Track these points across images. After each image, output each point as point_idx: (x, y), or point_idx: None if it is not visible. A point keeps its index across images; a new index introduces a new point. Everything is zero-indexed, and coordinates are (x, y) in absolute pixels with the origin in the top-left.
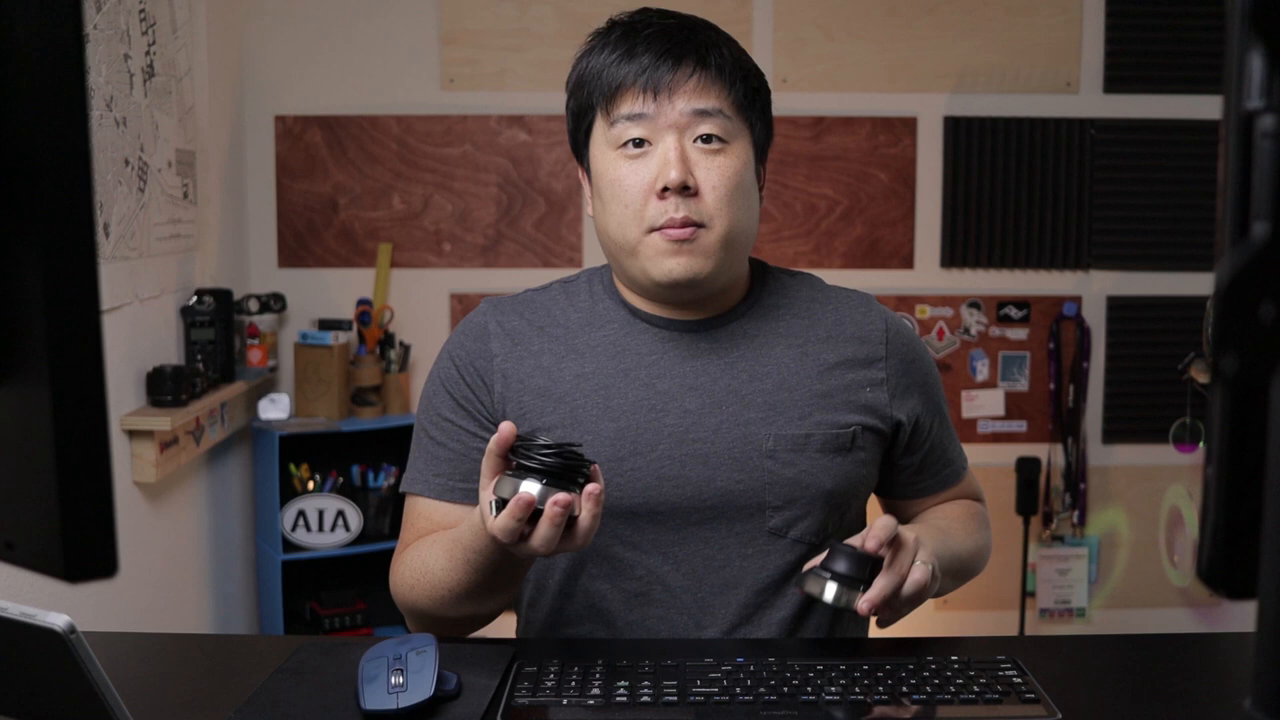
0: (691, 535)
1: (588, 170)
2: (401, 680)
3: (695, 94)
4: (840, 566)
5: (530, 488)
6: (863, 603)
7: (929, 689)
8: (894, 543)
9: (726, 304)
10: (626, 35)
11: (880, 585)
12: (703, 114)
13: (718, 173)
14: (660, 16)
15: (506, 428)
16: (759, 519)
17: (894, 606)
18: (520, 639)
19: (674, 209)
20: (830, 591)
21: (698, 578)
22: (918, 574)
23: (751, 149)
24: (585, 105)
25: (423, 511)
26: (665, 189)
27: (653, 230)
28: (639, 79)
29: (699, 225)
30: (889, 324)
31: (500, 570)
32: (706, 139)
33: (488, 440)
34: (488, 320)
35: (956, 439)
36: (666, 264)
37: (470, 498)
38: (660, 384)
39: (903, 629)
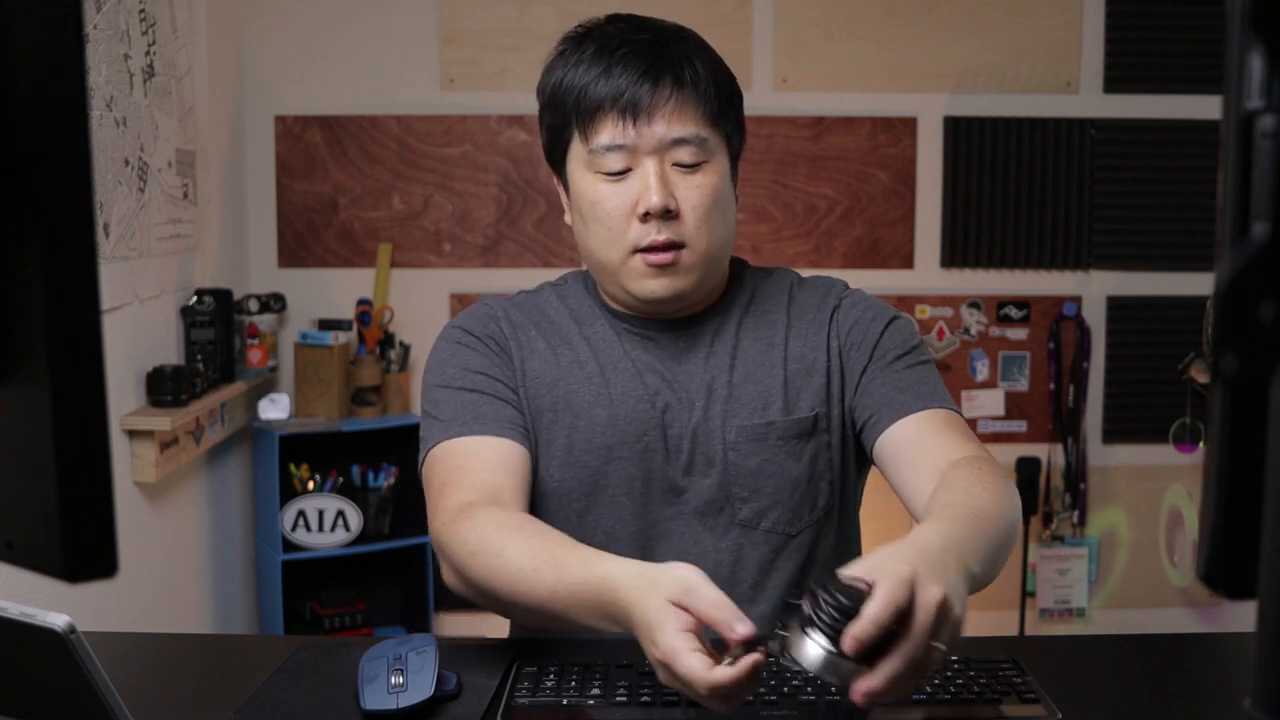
0: (669, 529)
1: (565, 183)
2: (402, 680)
3: (674, 117)
4: (823, 620)
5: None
6: (858, 694)
7: (929, 689)
8: (904, 613)
9: (704, 305)
10: (600, 53)
11: (884, 671)
12: (681, 142)
13: (697, 193)
14: (633, 29)
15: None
16: (729, 512)
17: (897, 691)
18: (521, 639)
19: (656, 231)
20: (815, 661)
21: None
22: (933, 658)
23: (728, 159)
24: (561, 123)
25: (469, 450)
26: (647, 213)
27: (635, 251)
28: (617, 103)
29: (680, 246)
30: (842, 299)
31: (583, 625)
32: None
33: (518, 396)
34: (494, 312)
35: (941, 385)
36: (649, 285)
37: (521, 438)
38: (646, 378)
39: None
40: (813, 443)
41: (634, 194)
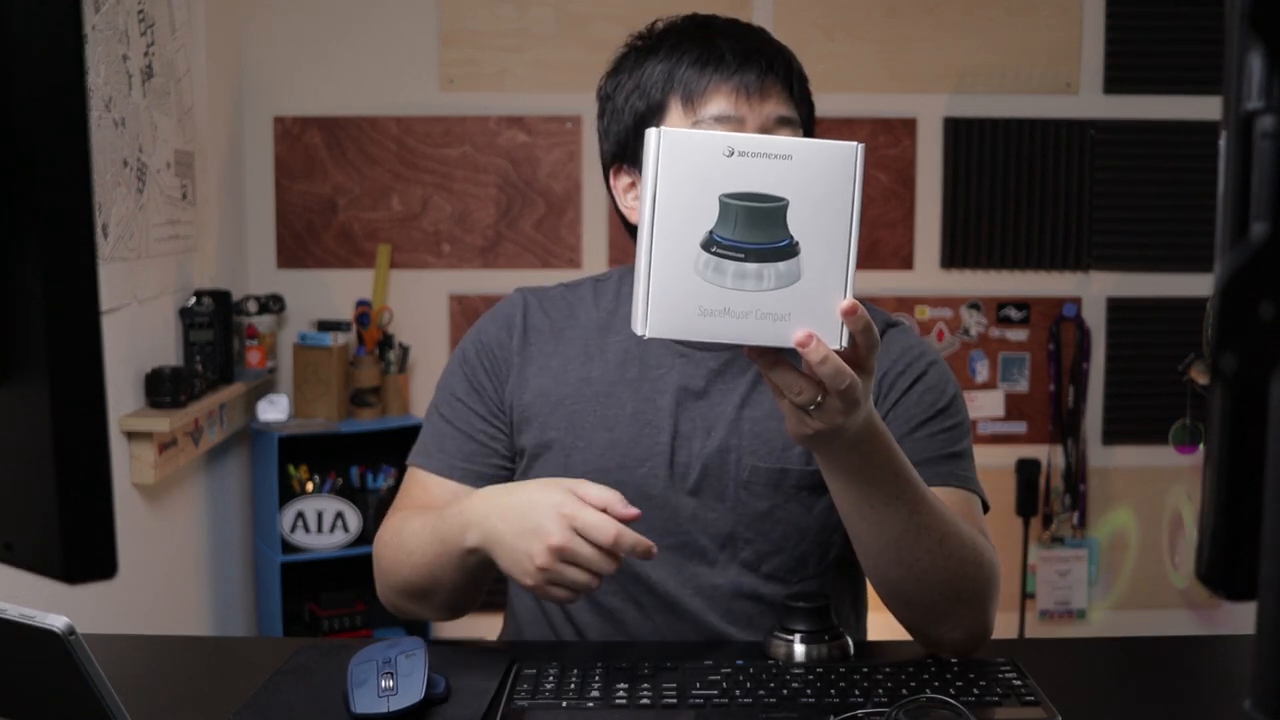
0: (666, 559)
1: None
2: (392, 684)
3: (780, 99)
4: (800, 624)
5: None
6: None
7: (929, 691)
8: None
9: None
10: (698, 37)
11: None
12: (785, 121)
13: None
14: (711, 20)
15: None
16: (731, 549)
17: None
18: (520, 642)
19: None
20: (799, 653)
21: (667, 604)
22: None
23: None
24: (655, 106)
25: (422, 482)
26: None
27: None
28: (730, 79)
29: None
30: (883, 343)
31: (459, 572)
32: None
33: (493, 427)
34: (515, 312)
35: (972, 467)
36: None
37: (469, 478)
38: (660, 399)
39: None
40: (828, 496)
41: None
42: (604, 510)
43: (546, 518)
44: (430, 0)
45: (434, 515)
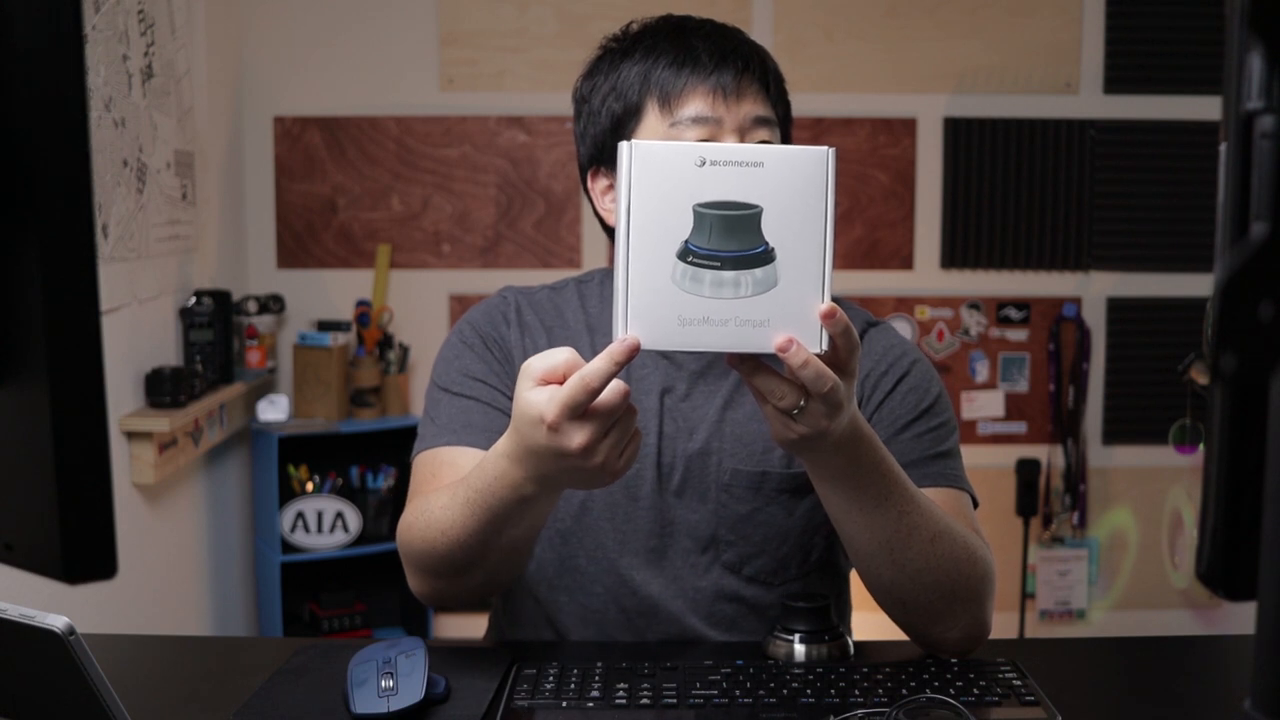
0: (650, 559)
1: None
2: (392, 684)
3: (757, 99)
4: (800, 625)
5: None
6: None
7: (928, 691)
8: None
9: None
10: (674, 39)
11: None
12: (762, 121)
13: None
14: (687, 21)
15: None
16: (714, 551)
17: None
18: (518, 641)
19: None
20: (799, 653)
21: (649, 606)
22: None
23: None
24: (632, 108)
25: (449, 461)
26: None
27: None
28: (707, 80)
29: None
30: (865, 343)
31: (503, 517)
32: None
33: (510, 401)
34: (508, 309)
35: (960, 465)
36: None
37: None
38: (646, 400)
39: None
40: (809, 498)
41: None
42: (563, 372)
43: (549, 439)
44: (430, 0)
45: (459, 486)
